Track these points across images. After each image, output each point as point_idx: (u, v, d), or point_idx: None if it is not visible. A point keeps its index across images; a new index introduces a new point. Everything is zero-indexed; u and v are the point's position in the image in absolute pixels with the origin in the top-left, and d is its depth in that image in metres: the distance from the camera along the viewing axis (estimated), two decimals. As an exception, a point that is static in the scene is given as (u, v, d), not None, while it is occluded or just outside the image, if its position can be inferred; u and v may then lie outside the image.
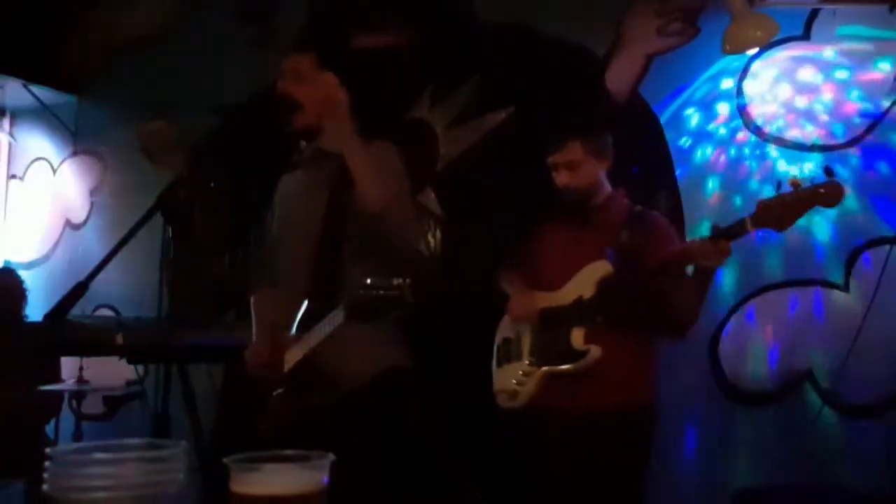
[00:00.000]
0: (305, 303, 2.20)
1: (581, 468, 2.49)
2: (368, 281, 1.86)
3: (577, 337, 2.54)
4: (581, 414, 2.51)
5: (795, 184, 2.21)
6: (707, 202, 3.56)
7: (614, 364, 2.51)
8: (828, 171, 2.30)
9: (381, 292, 1.84)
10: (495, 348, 2.83)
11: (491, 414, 2.82)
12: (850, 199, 3.32)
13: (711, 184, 3.57)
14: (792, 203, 2.22)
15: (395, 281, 1.85)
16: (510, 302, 2.77)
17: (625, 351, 2.54)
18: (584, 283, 2.58)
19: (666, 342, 2.78)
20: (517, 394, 2.66)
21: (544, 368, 2.60)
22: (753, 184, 3.48)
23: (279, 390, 2.22)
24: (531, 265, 2.82)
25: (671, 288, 2.46)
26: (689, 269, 2.57)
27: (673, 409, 3.52)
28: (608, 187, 2.77)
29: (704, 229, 3.49)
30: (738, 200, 3.50)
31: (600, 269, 2.57)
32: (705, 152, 3.62)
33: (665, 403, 3.51)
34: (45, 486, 0.94)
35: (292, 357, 2.20)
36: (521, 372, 2.66)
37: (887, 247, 3.20)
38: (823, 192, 2.19)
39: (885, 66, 3.32)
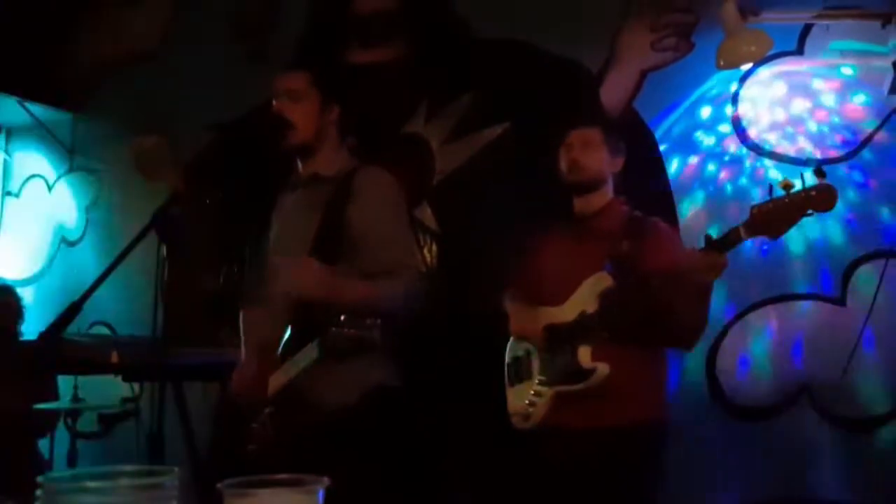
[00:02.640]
0: (289, 329, 2.19)
1: (594, 487, 2.42)
2: (342, 318, 1.89)
3: (585, 354, 2.45)
4: (593, 432, 2.45)
5: (787, 186, 2.10)
6: (700, 215, 3.57)
7: (623, 380, 2.43)
8: (819, 172, 2.11)
9: (353, 331, 1.88)
10: (506, 367, 2.75)
11: (493, 431, 2.78)
12: (847, 213, 3.33)
13: (706, 196, 3.58)
14: (785, 208, 2.11)
15: (368, 321, 1.88)
16: (511, 319, 2.71)
17: (632, 366, 2.46)
18: (586, 297, 2.50)
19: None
20: (530, 415, 2.59)
21: (555, 389, 2.53)
22: (752, 197, 3.47)
23: (266, 411, 2.22)
24: (532, 279, 2.75)
25: (672, 300, 2.35)
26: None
27: (669, 423, 3.52)
28: (611, 192, 2.71)
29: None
30: (736, 211, 3.50)
31: (601, 281, 2.49)
32: (700, 166, 3.63)
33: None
34: (36, 515, 0.93)
35: (275, 382, 2.20)
36: (532, 392, 2.59)
37: (884, 260, 3.21)
38: (815, 196, 2.09)
39: (878, 80, 3.33)
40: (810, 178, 2.13)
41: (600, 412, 2.44)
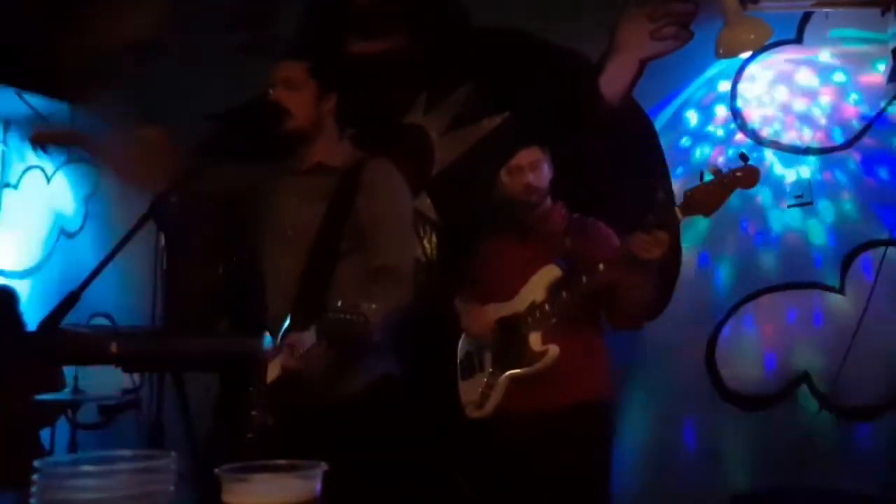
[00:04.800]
0: (288, 319, 2.19)
1: (549, 464, 2.57)
2: (339, 304, 1.93)
3: (535, 340, 2.65)
4: (544, 412, 2.60)
5: (716, 171, 2.41)
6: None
7: (572, 363, 2.61)
8: (743, 156, 2.43)
9: (348, 317, 1.91)
10: (458, 363, 2.90)
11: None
12: (846, 202, 3.33)
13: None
14: (714, 189, 2.40)
15: (364, 306, 1.91)
16: (463, 319, 2.86)
17: (579, 349, 2.66)
18: (536, 288, 2.70)
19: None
20: (484, 403, 2.73)
21: (507, 374, 2.68)
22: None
23: (262, 400, 2.22)
24: (481, 280, 2.92)
25: (621, 283, 2.56)
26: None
27: (670, 411, 3.53)
28: (549, 197, 2.88)
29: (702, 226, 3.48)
30: (735, 202, 3.49)
31: (550, 273, 2.69)
32: (702, 156, 3.62)
33: (663, 406, 3.53)
34: (32, 501, 0.93)
35: (273, 369, 2.20)
36: (485, 381, 2.74)
37: (882, 249, 3.20)
38: (741, 176, 2.39)
39: (878, 68, 3.33)
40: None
41: (552, 394, 2.60)
